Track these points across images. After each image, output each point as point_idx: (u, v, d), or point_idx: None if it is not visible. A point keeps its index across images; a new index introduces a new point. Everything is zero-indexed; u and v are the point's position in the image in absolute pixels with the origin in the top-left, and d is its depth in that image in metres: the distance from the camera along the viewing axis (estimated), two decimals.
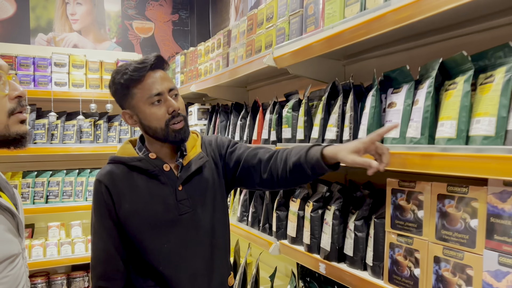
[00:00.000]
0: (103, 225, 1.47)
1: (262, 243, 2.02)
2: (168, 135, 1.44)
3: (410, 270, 1.25)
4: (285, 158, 1.43)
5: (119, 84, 1.44)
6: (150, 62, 1.42)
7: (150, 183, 1.47)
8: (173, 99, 1.45)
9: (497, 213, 1.03)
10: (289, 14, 1.86)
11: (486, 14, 1.29)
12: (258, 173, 1.51)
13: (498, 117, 1.01)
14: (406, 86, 1.32)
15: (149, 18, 4.27)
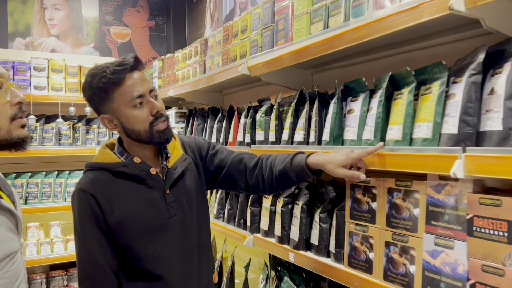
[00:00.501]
0: (91, 236, 1.39)
1: (237, 237, 2.19)
2: (153, 136, 1.42)
3: (366, 254, 1.45)
4: (270, 166, 1.52)
5: (98, 88, 1.38)
6: (129, 64, 1.38)
7: (138, 188, 1.43)
8: (153, 99, 1.42)
9: (434, 203, 1.23)
10: (261, 27, 2.05)
11: (426, 35, 1.50)
12: (243, 180, 1.57)
13: (434, 123, 1.22)
14: (363, 95, 1.53)
15: (127, 24, 4.38)
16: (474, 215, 1.11)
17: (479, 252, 1.09)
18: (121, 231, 1.40)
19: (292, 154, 1.48)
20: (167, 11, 4.46)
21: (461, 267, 1.14)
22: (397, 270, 1.33)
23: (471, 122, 1.11)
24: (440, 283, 1.19)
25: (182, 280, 1.46)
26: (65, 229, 3.54)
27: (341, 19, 1.54)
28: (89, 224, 1.39)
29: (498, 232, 1.05)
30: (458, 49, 1.45)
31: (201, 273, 1.55)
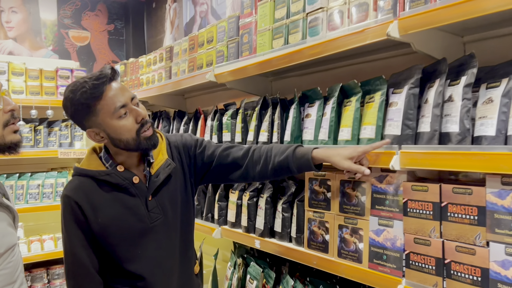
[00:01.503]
0: (76, 239, 1.47)
1: (206, 230, 2.40)
2: (141, 143, 1.45)
3: (323, 237, 1.71)
4: (265, 156, 1.56)
5: (80, 104, 1.39)
6: (107, 76, 1.40)
7: (121, 196, 1.49)
8: (136, 107, 1.45)
9: (377, 191, 1.52)
10: (227, 39, 2.27)
11: (370, 51, 1.79)
12: (232, 171, 1.62)
13: (376, 126, 1.50)
14: (318, 102, 1.79)
15: (85, 28, 4.43)
16: (408, 199, 1.40)
17: (412, 228, 1.38)
18: (104, 235, 1.48)
19: (293, 146, 1.53)
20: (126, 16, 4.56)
21: (399, 241, 1.43)
22: (348, 248, 1.60)
23: (411, 125, 1.40)
24: (383, 255, 1.47)
25: (163, 277, 1.55)
26: (28, 231, 3.56)
27: (299, 37, 1.80)
28: (73, 228, 1.47)
29: (426, 212, 1.35)
30: (395, 63, 1.75)
31: (183, 269, 1.63)
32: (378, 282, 1.47)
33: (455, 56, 1.43)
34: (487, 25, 1.42)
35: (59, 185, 3.57)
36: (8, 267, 1.29)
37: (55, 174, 3.60)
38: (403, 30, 1.35)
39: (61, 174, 3.62)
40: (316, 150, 1.48)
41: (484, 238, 1.20)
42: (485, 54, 1.44)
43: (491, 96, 1.21)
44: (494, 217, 1.17)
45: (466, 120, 1.24)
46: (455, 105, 1.28)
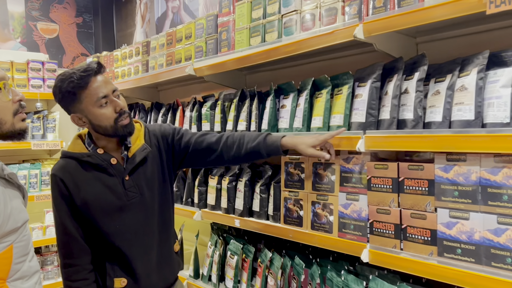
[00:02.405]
0: (63, 212, 1.69)
1: (186, 213, 2.58)
2: (117, 131, 1.65)
3: (297, 213, 1.94)
4: (238, 142, 1.76)
5: (67, 92, 1.59)
6: (93, 69, 1.59)
7: (100, 175, 1.69)
8: (116, 98, 1.64)
9: (345, 170, 1.76)
10: (205, 36, 2.44)
11: (339, 48, 2.03)
12: (207, 155, 1.81)
13: (344, 114, 1.74)
14: (292, 94, 2.02)
15: (54, 20, 4.42)
16: (372, 176, 1.65)
17: (375, 201, 1.64)
18: (86, 209, 1.68)
19: (263, 134, 1.74)
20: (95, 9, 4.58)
21: (364, 212, 1.68)
22: (320, 221, 1.84)
23: (373, 114, 1.65)
24: (351, 225, 1.72)
25: (142, 252, 1.74)
26: None
27: (275, 36, 2.01)
28: (60, 202, 1.69)
29: (386, 186, 1.60)
30: (360, 60, 2.00)
31: (162, 246, 1.81)
32: (347, 248, 1.72)
33: (409, 55, 1.69)
34: (435, 29, 1.69)
35: (32, 177, 3.61)
36: (24, 239, 1.44)
37: (28, 166, 3.63)
38: (367, 32, 1.59)
39: (34, 166, 3.66)
40: (284, 138, 1.69)
41: (433, 205, 1.46)
42: (434, 53, 1.71)
43: (438, 89, 1.47)
44: (440, 187, 1.44)
45: (419, 109, 1.50)
46: (410, 96, 1.54)
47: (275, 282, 2.05)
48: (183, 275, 2.58)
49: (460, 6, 1.32)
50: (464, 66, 1.42)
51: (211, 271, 2.45)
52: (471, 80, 1.35)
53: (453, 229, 1.40)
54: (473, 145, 1.30)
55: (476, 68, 1.36)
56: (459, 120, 1.37)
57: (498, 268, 1.29)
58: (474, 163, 1.35)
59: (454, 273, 1.37)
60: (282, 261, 2.05)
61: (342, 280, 1.73)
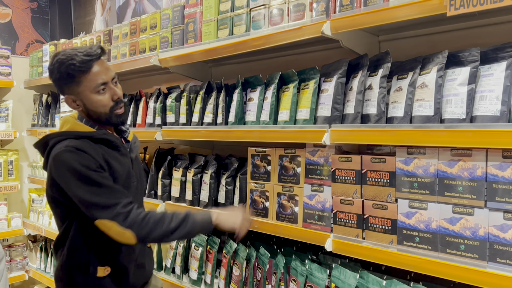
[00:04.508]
0: (100, 176, 1.54)
1: (150, 206, 2.55)
2: (111, 119, 1.63)
3: (263, 204, 1.98)
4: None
5: (66, 73, 1.53)
6: (96, 55, 1.56)
7: (115, 154, 1.65)
8: (114, 86, 1.62)
9: (311, 163, 1.81)
10: (171, 26, 2.42)
11: (306, 44, 2.08)
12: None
13: (310, 109, 1.79)
14: (260, 87, 2.04)
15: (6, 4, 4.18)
16: (336, 168, 1.71)
17: (339, 192, 1.70)
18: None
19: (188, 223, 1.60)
20: None
21: (328, 203, 1.74)
22: (286, 211, 1.89)
23: (339, 108, 1.70)
24: (315, 215, 1.78)
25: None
26: None
27: (243, 29, 2.02)
28: (93, 164, 1.53)
29: (350, 178, 1.67)
30: (326, 56, 2.05)
31: None
32: (311, 238, 1.77)
33: (373, 52, 1.76)
34: (398, 28, 1.77)
35: None
36: None
37: None
38: (334, 29, 1.64)
39: None
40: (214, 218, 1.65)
41: (393, 196, 1.54)
42: (396, 51, 1.79)
43: (400, 85, 1.55)
44: (401, 179, 1.52)
45: (382, 104, 1.57)
46: (373, 92, 1.60)
47: (240, 272, 2.08)
48: None
49: (422, 7, 1.40)
50: (425, 64, 1.50)
51: (175, 263, 2.44)
52: (431, 78, 1.43)
53: (412, 219, 1.49)
54: (432, 139, 1.38)
55: (436, 66, 1.44)
56: (419, 116, 1.45)
57: (452, 254, 1.38)
58: (433, 156, 1.43)
59: (412, 260, 1.45)
60: (247, 251, 2.09)
61: (306, 269, 1.78)
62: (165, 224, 1.56)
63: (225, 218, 1.65)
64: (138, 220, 1.53)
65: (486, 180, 1.31)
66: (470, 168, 1.35)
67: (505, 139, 1.22)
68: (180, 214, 1.60)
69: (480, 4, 1.26)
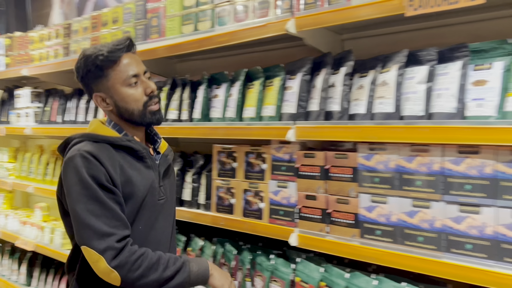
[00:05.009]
0: (105, 189, 1.32)
1: None
2: (145, 117, 1.44)
3: (229, 201, 1.98)
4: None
5: (94, 66, 1.39)
6: (125, 45, 1.43)
7: (138, 165, 1.44)
8: (147, 80, 1.47)
9: (276, 159, 1.83)
10: (134, 21, 2.37)
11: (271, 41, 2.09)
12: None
13: (276, 106, 1.81)
14: (225, 84, 2.04)
15: None
16: (301, 164, 1.74)
17: (303, 187, 1.73)
18: (129, 195, 1.39)
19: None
20: None
21: (293, 199, 1.76)
22: (252, 208, 1.90)
23: (303, 105, 1.72)
24: (280, 211, 1.80)
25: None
26: None
27: (208, 25, 2.01)
28: (100, 179, 1.32)
29: (314, 174, 1.70)
30: (291, 53, 2.06)
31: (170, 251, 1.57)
32: (277, 233, 1.79)
33: (336, 51, 1.80)
34: (360, 27, 1.82)
35: None
36: None
37: None
38: (299, 27, 1.66)
39: None
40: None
41: (356, 191, 1.58)
42: (358, 50, 1.83)
43: (362, 83, 1.59)
44: (362, 174, 1.56)
45: (345, 102, 1.61)
46: (336, 89, 1.64)
47: None
48: None
49: (382, 7, 1.44)
50: (386, 63, 1.54)
51: None
52: (392, 76, 1.48)
53: (373, 213, 1.53)
54: (392, 135, 1.42)
55: (396, 65, 1.49)
56: (380, 113, 1.50)
57: (411, 246, 1.44)
58: (393, 152, 1.48)
59: (373, 253, 1.50)
60: (213, 248, 2.08)
61: (272, 264, 1.80)
62: (158, 271, 1.34)
63: (218, 275, 1.46)
64: (130, 261, 1.30)
65: (442, 174, 1.37)
66: (427, 163, 1.40)
67: (460, 135, 1.28)
68: (177, 259, 1.40)
69: (437, 5, 1.32)
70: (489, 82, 1.29)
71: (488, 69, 1.30)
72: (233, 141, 2.02)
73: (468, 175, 1.32)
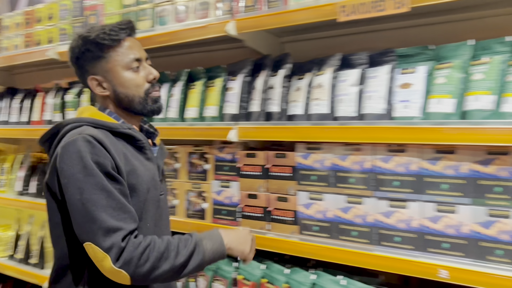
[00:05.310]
0: (111, 178, 1.16)
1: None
2: (147, 105, 1.32)
3: (171, 202, 1.97)
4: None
5: (95, 45, 1.26)
6: (128, 26, 1.32)
7: (139, 155, 1.31)
8: (149, 66, 1.35)
9: (219, 159, 1.85)
10: (71, 18, 2.29)
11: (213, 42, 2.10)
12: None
13: (218, 106, 1.83)
14: (167, 84, 2.03)
15: None
16: (243, 164, 1.77)
17: (245, 187, 1.76)
18: (133, 187, 1.25)
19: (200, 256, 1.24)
20: None
21: (235, 198, 1.79)
22: (195, 208, 1.90)
23: (245, 106, 1.75)
24: (223, 210, 1.82)
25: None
26: None
27: (149, 24, 1.99)
28: (103, 163, 1.16)
29: (255, 173, 1.73)
30: (233, 55, 2.08)
31: None
32: None
33: (276, 53, 1.84)
34: (298, 30, 1.87)
35: None
36: None
37: None
38: (239, 29, 1.69)
39: None
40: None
41: (294, 189, 1.64)
42: (297, 53, 1.89)
43: (299, 86, 1.64)
44: (300, 173, 1.62)
45: (283, 103, 1.66)
46: (276, 91, 1.68)
47: None
48: (45, 273, 2.40)
49: (317, 12, 1.50)
50: (321, 66, 1.61)
51: None
52: (326, 79, 1.54)
53: (311, 209, 1.59)
54: (327, 135, 1.49)
55: (331, 68, 1.55)
56: (316, 114, 1.56)
57: (346, 240, 1.51)
58: (328, 151, 1.55)
59: (311, 248, 1.56)
60: None
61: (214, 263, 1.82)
62: (170, 259, 1.17)
63: (235, 242, 1.32)
64: (136, 257, 1.13)
65: (373, 172, 1.46)
66: (360, 161, 1.48)
67: (388, 135, 1.37)
68: (188, 241, 1.22)
69: (367, 12, 1.39)
70: (413, 85, 1.38)
71: (413, 73, 1.40)
72: (176, 142, 2.01)
73: (396, 172, 1.41)
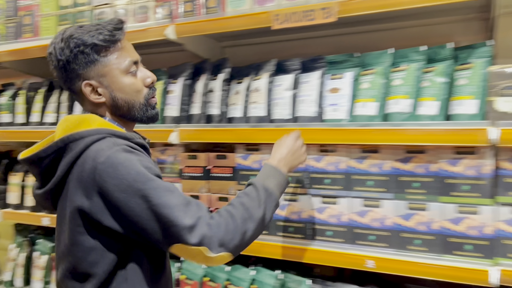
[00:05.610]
0: (160, 178, 1.09)
1: None
2: (147, 111, 1.22)
3: None
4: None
5: (92, 46, 1.11)
6: (122, 26, 1.18)
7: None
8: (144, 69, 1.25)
9: (160, 161, 1.87)
10: (4, 18, 2.21)
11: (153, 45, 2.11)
12: None
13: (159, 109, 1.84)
14: None
15: None
16: (185, 166, 1.80)
17: (187, 188, 1.80)
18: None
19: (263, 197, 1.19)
20: None
21: None
22: None
23: (185, 109, 1.79)
24: None
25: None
26: None
27: None
28: (152, 168, 1.09)
29: (197, 174, 1.77)
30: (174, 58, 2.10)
31: None
32: None
33: (216, 57, 1.90)
34: (237, 36, 1.94)
35: None
36: None
37: None
38: (178, 33, 1.72)
39: None
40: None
41: (235, 189, 1.70)
42: (237, 57, 1.96)
43: (238, 89, 1.71)
44: (240, 173, 1.68)
45: (223, 106, 1.71)
46: (216, 94, 1.74)
47: None
48: None
49: (253, 19, 1.57)
50: (258, 71, 1.68)
51: (15, 275, 2.25)
52: (263, 83, 1.62)
53: None
54: (264, 137, 1.56)
55: (267, 73, 1.63)
56: (254, 116, 1.63)
57: (283, 236, 1.59)
58: (266, 152, 1.62)
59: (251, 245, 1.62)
60: None
61: None
62: (251, 218, 1.12)
63: (291, 160, 1.28)
64: (224, 235, 1.06)
65: (306, 170, 1.55)
66: None
67: (319, 136, 1.46)
68: (254, 191, 1.18)
69: (299, 21, 1.48)
70: (341, 90, 1.49)
71: (341, 79, 1.50)
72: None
73: (327, 170, 1.51)
